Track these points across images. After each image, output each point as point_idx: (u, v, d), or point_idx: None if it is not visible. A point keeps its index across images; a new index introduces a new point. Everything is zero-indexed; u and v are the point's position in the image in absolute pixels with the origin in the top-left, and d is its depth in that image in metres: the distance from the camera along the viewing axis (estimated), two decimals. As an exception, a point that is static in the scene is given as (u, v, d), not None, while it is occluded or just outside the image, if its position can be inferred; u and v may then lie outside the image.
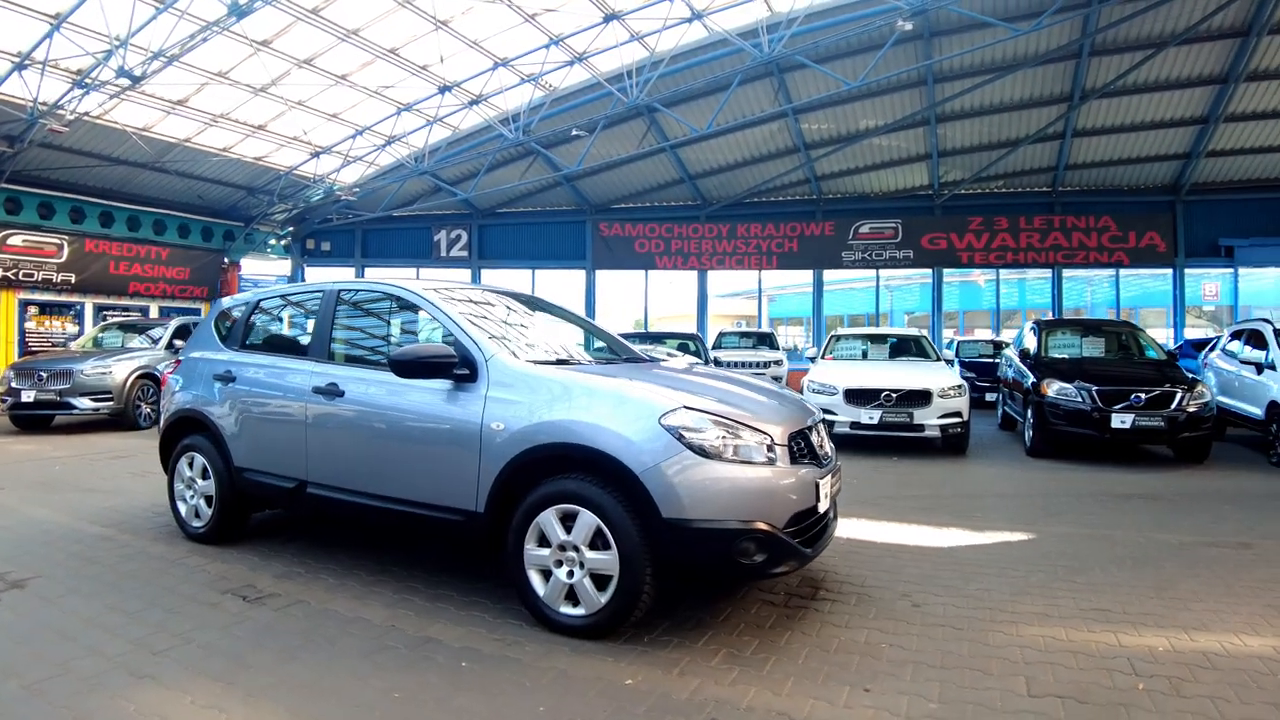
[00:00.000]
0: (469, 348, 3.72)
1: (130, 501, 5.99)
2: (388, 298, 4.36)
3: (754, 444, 3.31)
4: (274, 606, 3.66)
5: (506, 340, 3.90)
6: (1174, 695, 2.90)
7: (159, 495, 6.11)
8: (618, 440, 3.24)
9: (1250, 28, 14.00)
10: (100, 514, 5.54)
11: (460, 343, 3.75)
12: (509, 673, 3.02)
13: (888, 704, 2.80)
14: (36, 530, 5.04)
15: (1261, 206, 18.58)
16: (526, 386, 3.55)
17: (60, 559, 4.41)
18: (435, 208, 21.02)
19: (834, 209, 21.54)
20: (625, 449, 3.21)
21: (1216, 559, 4.78)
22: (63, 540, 4.79)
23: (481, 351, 3.70)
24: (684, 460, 3.16)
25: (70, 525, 5.19)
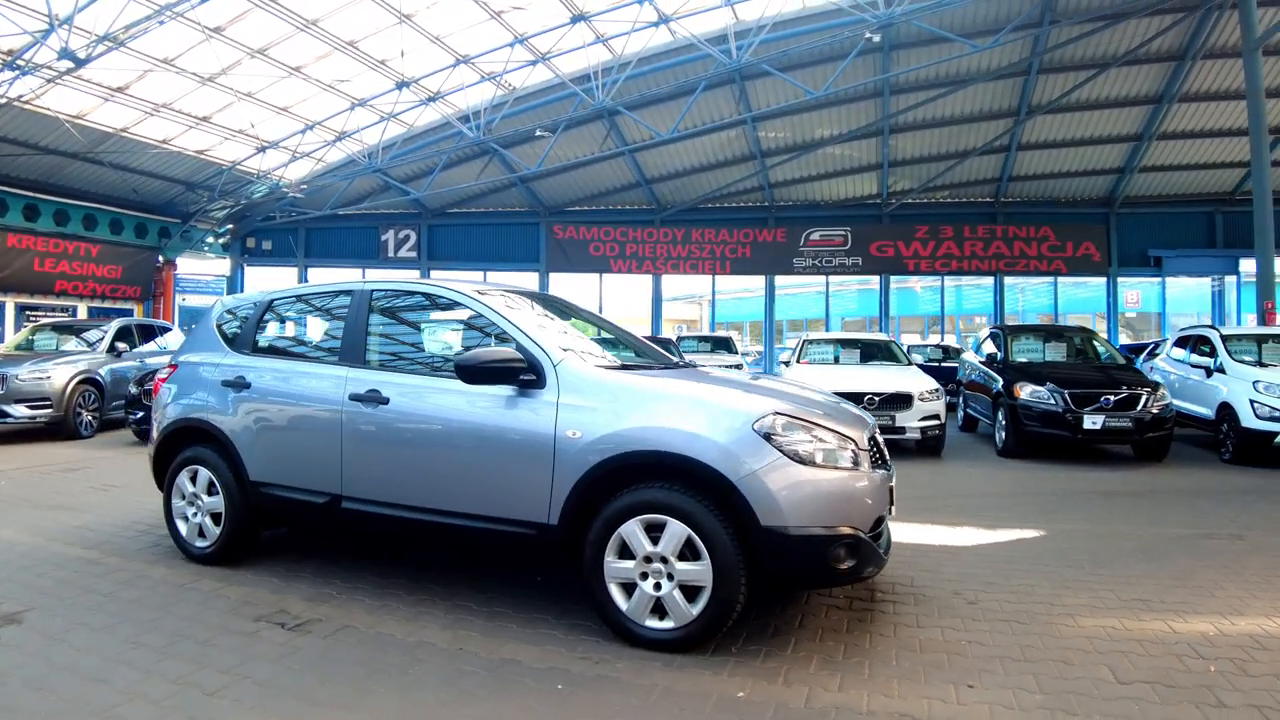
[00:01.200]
0: (534, 352, 3.52)
1: (102, 519, 5.50)
2: (431, 299, 4.11)
3: (841, 449, 3.29)
4: (320, 634, 3.37)
5: (567, 344, 3.71)
6: (1243, 675, 3.06)
7: (133, 511, 5.67)
8: (712, 447, 3.14)
9: (1185, 52, 14.87)
10: (74, 534, 5.04)
11: (524, 347, 3.55)
12: (614, 693, 2.86)
13: (997, 698, 2.85)
14: (8, 555, 4.54)
15: (1188, 220, 19.77)
16: (602, 392, 3.40)
17: (48, 587, 3.97)
18: (383, 207, 20.43)
19: (786, 216, 21.87)
20: (721, 456, 3.12)
21: (1218, 550, 5.01)
22: (43, 566, 4.32)
23: (549, 356, 3.52)
24: (781, 466, 3.11)
25: (44, 548, 4.70)
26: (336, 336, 4.13)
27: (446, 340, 4.11)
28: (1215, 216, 19.60)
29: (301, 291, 4.61)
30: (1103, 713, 2.74)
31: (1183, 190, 19.58)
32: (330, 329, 4.27)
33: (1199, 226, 19.76)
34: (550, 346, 3.57)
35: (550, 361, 3.51)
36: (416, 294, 4.14)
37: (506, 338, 3.67)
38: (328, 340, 4.25)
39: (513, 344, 3.60)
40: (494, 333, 3.76)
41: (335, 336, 4.15)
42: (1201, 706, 2.79)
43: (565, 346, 3.63)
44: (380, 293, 4.13)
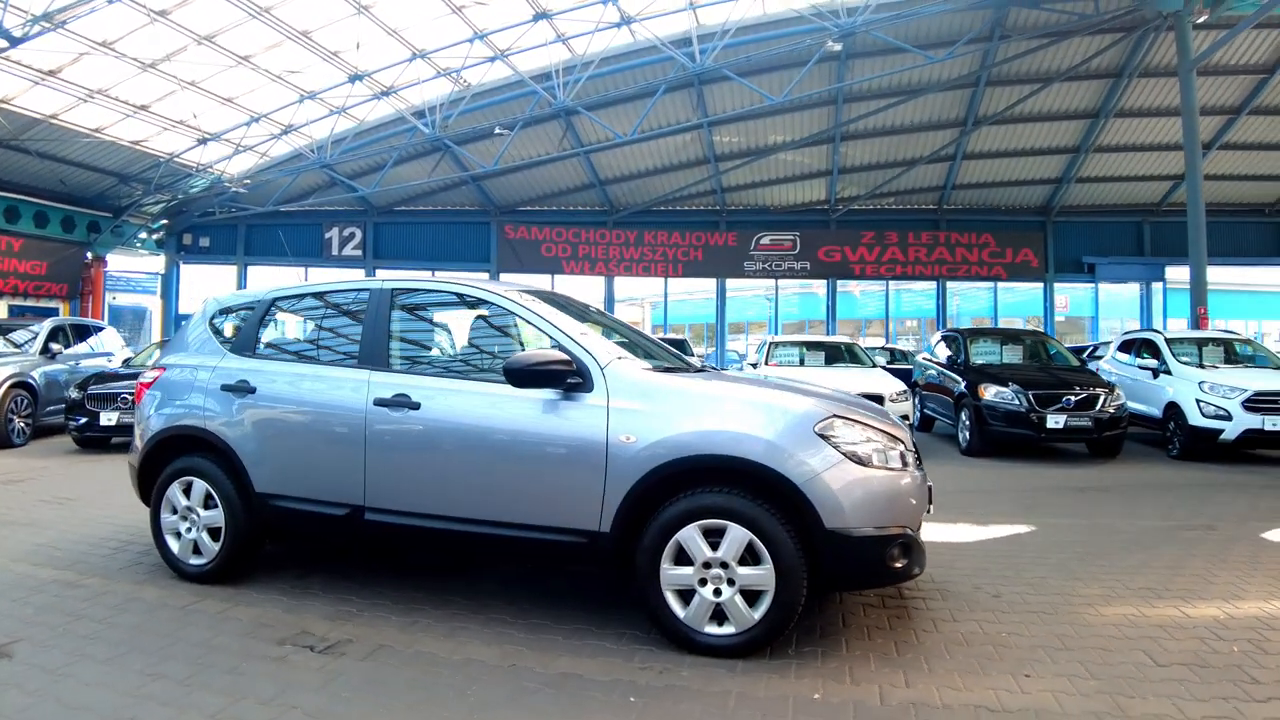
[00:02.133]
0: (579, 355, 3.40)
1: (66, 536, 5.06)
2: (459, 299, 3.93)
3: (890, 448, 3.31)
4: (356, 655, 3.15)
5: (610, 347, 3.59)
6: (1265, 654, 3.26)
7: (98, 526, 5.25)
8: (775, 451, 3.12)
9: (1122, 70, 15.63)
10: (39, 554, 4.60)
11: (569, 350, 3.41)
12: (690, 702, 2.79)
13: (1055, 686, 2.95)
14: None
15: (1120, 229, 20.81)
16: (653, 396, 3.32)
17: (30, 615, 3.58)
18: (328, 204, 19.74)
19: (737, 220, 22.10)
20: (785, 460, 3.10)
21: (1196, 540, 5.29)
22: (16, 590, 3.90)
23: (595, 359, 3.40)
24: (844, 469, 3.12)
25: (9, 569, 4.26)
26: (354, 338, 3.90)
27: (479, 342, 3.93)
28: (1144, 226, 20.69)
29: (310, 290, 4.32)
30: (1155, 693, 2.88)
31: (1115, 201, 20.59)
32: (345, 330, 4.02)
33: (1129, 235, 20.83)
34: (596, 349, 3.46)
35: (597, 364, 3.40)
36: (443, 293, 3.96)
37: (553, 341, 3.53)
38: (343, 342, 4.00)
39: (554, 346, 3.47)
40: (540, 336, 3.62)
41: (352, 338, 3.91)
42: (1239, 684, 2.97)
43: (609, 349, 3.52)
44: (403, 291, 3.93)
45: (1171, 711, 2.75)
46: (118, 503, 6.01)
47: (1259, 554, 4.92)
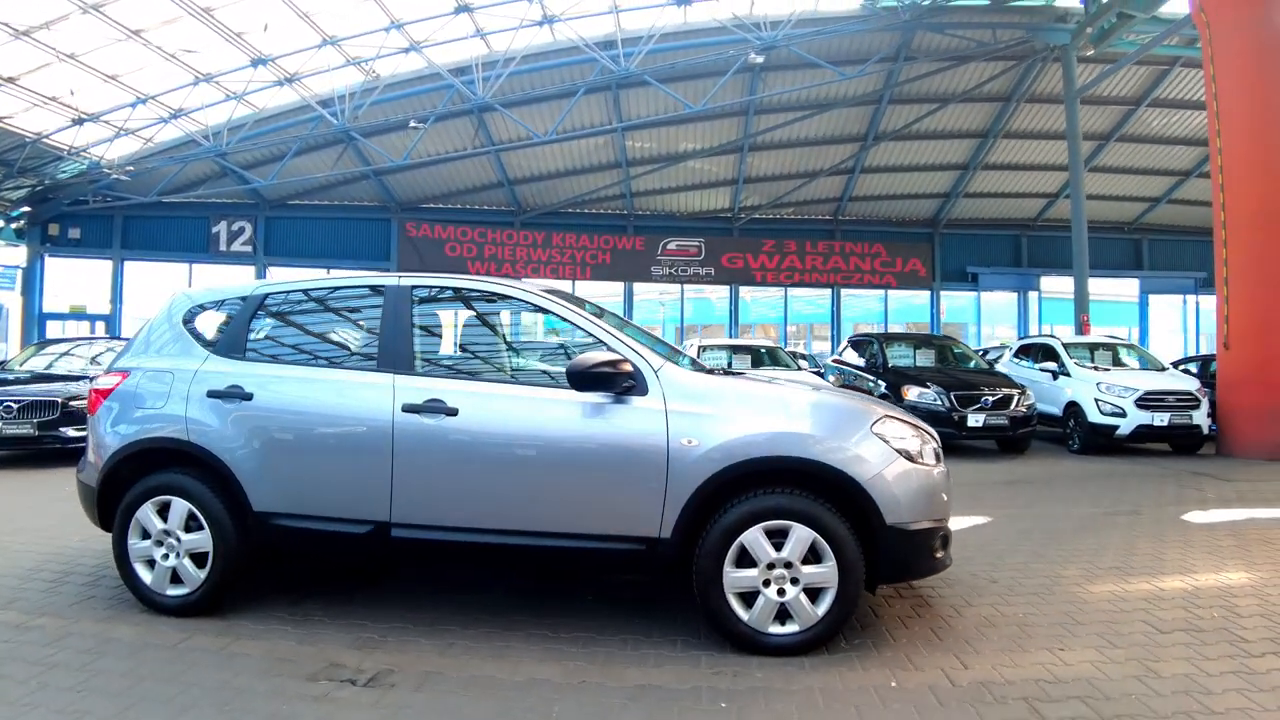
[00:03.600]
0: (632, 357, 3.28)
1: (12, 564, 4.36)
2: (489, 298, 3.67)
3: (929, 445, 3.42)
4: (407, 686, 2.86)
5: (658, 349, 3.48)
6: (1240, 617, 3.67)
7: (14, 557, 4.52)
8: (839, 451, 3.17)
9: (1011, 95, 16.90)
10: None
11: (621, 352, 3.28)
12: (781, 702, 2.78)
13: (1089, 656, 3.19)
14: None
15: (1000, 241, 22.48)
16: (711, 398, 3.27)
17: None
18: (216, 195, 18.22)
19: (644, 225, 22.23)
20: (848, 459, 3.16)
21: (1131, 524, 5.79)
22: None
23: (648, 361, 3.30)
24: (899, 467, 3.21)
25: None
26: (369, 339, 3.57)
27: (512, 343, 3.69)
28: (1021, 239, 22.45)
29: (306, 286, 3.90)
30: (1172, 657, 3.18)
31: (996, 215, 22.22)
32: (355, 330, 3.68)
33: (1008, 247, 22.55)
34: (646, 351, 3.35)
35: (650, 367, 3.30)
36: (471, 291, 3.70)
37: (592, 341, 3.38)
38: (355, 343, 3.66)
39: (603, 348, 3.33)
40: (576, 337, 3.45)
41: (366, 339, 3.58)
42: (1234, 644, 3.32)
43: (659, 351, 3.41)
44: (424, 289, 3.63)
45: (1194, 671, 3.04)
46: (31, 527, 5.30)
47: (1188, 534, 5.49)
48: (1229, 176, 9.74)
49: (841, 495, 3.17)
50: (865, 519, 3.15)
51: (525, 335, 3.78)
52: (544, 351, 3.73)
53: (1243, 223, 9.67)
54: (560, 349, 3.64)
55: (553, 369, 3.59)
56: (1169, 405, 9.78)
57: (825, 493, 3.17)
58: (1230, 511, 6.35)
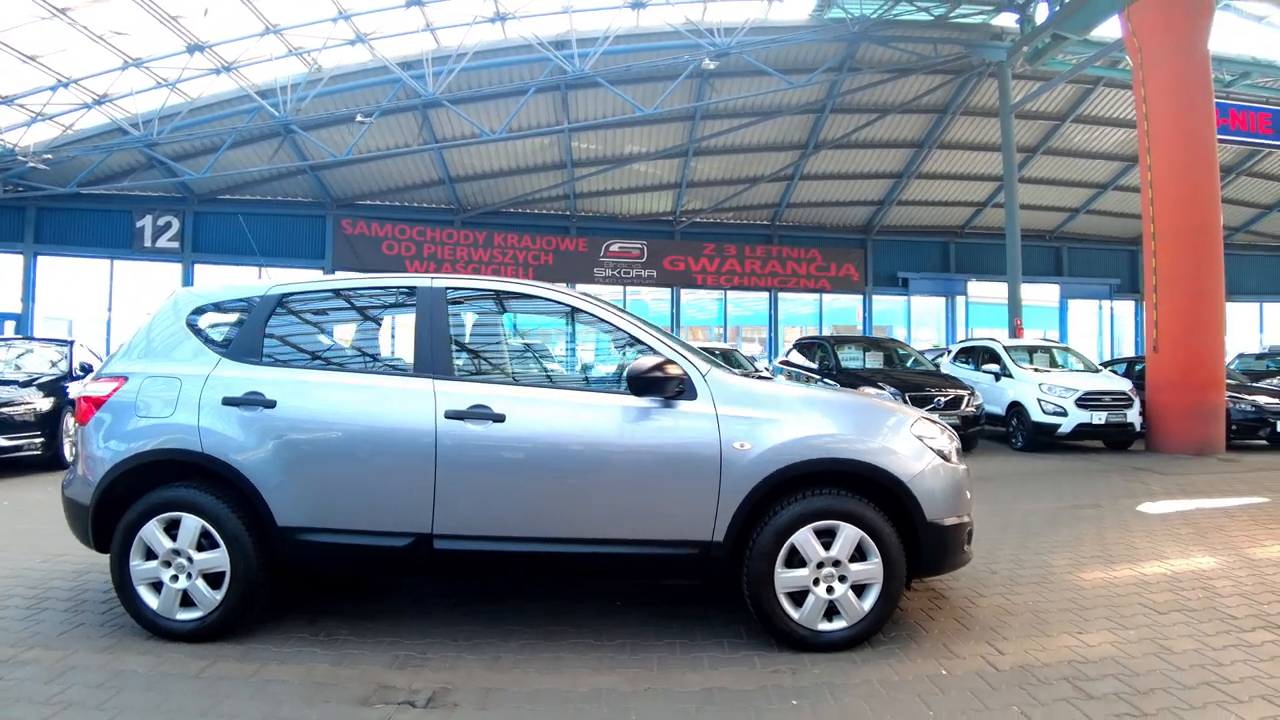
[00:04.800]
0: (681, 362, 3.29)
1: None
2: (524, 300, 3.57)
3: (956, 446, 3.56)
4: (471, 705, 2.74)
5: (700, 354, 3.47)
6: (1221, 597, 4.00)
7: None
8: (886, 453, 3.28)
9: (947, 107, 17.59)
10: None
11: (671, 357, 3.28)
12: (849, 696, 2.87)
13: (1106, 638, 3.42)
14: None
15: (930, 248, 23.38)
16: (758, 402, 3.31)
17: None
18: (140, 189, 17.14)
19: (587, 226, 22.16)
20: (894, 460, 3.27)
21: (1096, 516, 6.13)
22: None
23: (695, 366, 3.31)
24: (935, 466, 3.34)
25: None
26: (400, 342, 3.43)
27: (553, 347, 3.61)
28: (950, 246, 23.41)
29: (327, 286, 3.69)
30: (1177, 635, 3.45)
31: (925, 222, 23.10)
32: (386, 334, 3.53)
33: (936, 254, 23.48)
34: (693, 355, 3.36)
35: (699, 371, 3.32)
36: (508, 294, 3.59)
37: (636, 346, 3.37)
38: (385, 346, 3.50)
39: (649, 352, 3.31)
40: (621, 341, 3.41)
41: (400, 342, 3.44)
42: (1225, 621, 3.63)
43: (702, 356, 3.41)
44: (458, 291, 3.50)
45: (1201, 647, 3.30)
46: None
47: (1148, 524, 5.86)
48: (1158, 192, 10.41)
49: (885, 494, 3.27)
50: (907, 517, 3.27)
51: (565, 339, 3.69)
52: (586, 355, 3.67)
53: (1171, 236, 10.34)
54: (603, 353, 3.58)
55: (597, 373, 3.54)
56: (1106, 405, 10.38)
57: (869, 492, 3.27)
58: (1178, 502, 6.81)
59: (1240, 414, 10.61)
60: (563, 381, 3.53)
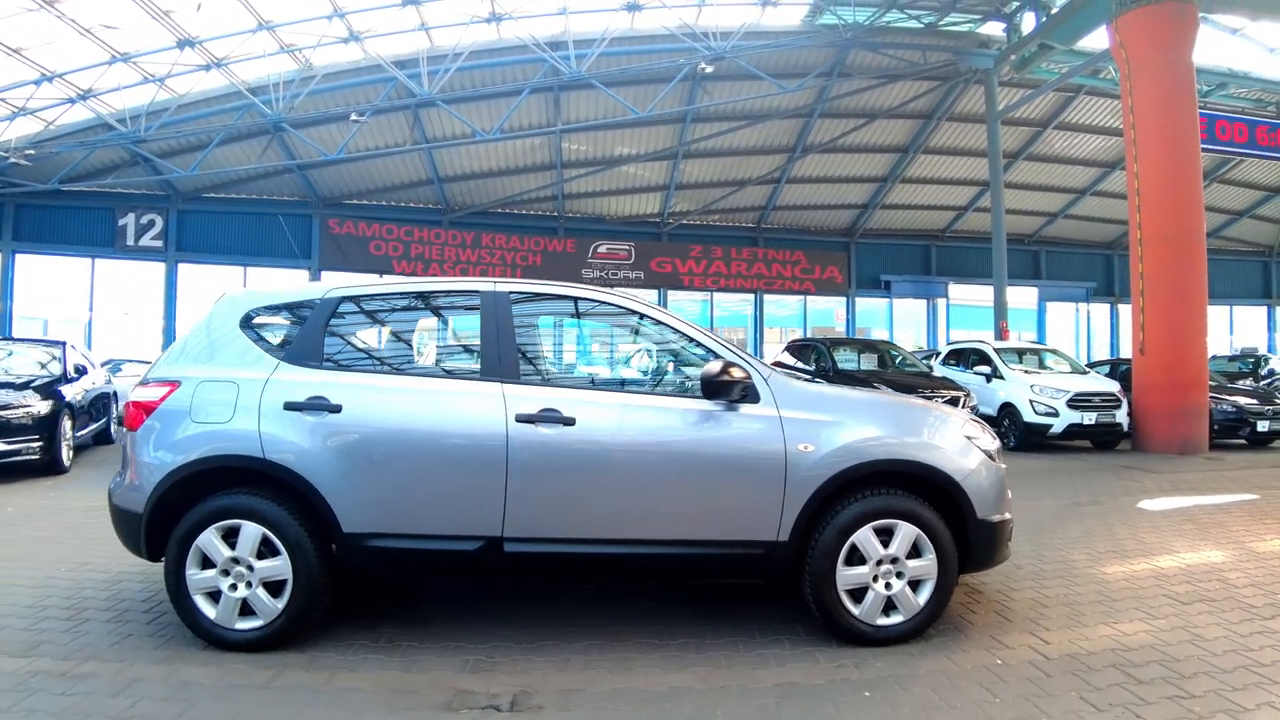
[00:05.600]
0: (745, 366, 3.38)
1: (3, 602, 3.83)
2: (587, 305, 3.62)
3: (998, 446, 3.71)
4: (556, 707, 2.79)
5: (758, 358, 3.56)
6: (1236, 588, 4.23)
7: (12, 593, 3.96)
8: (941, 453, 3.41)
9: (933, 113, 17.89)
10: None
11: (736, 361, 3.37)
12: (918, 686, 2.98)
13: (1140, 627, 3.61)
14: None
15: (911, 251, 23.74)
16: (819, 405, 3.43)
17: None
18: (124, 186, 16.81)
19: (575, 228, 22.19)
20: (948, 460, 3.41)
21: (1100, 513, 6.34)
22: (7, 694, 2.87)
23: (757, 369, 3.41)
24: (984, 466, 3.50)
25: None
26: (467, 346, 3.46)
27: (615, 351, 3.66)
28: (931, 249, 23.79)
29: (390, 290, 3.69)
30: (1205, 623, 3.65)
31: (908, 226, 23.46)
32: (449, 337, 3.56)
33: (918, 257, 23.86)
34: (755, 360, 3.45)
35: (760, 375, 3.41)
36: (570, 299, 3.64)
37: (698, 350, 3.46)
38: (448, 350, 3.53)
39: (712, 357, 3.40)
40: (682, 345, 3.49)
41: (464, 346, 3.47)
42: (1245, 609, 3.84)
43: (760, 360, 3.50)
44: (520, 296, 3.54)
45: (1229, 634, 3.50)
46: None
47: (1152, 520, 6.09)
48: (1144, 200, 10.72)
49: (939, 493, 3.40)
50: (958, 514, 3.39)
51: (627, 343, 3.75)
52: (648, 359, 3.73)
53: (1156, 242, 10.66)
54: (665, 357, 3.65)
55: (660, 376, 3.61)
56: (1095, 405, 10.66)
57: (922, 491, 3.39)
58: (1175, 499, 7.06)
59: (1222, 414, 10.96)
60: (628, 385, 3.59)
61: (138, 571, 4.34)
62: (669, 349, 3.58)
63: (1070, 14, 12.63)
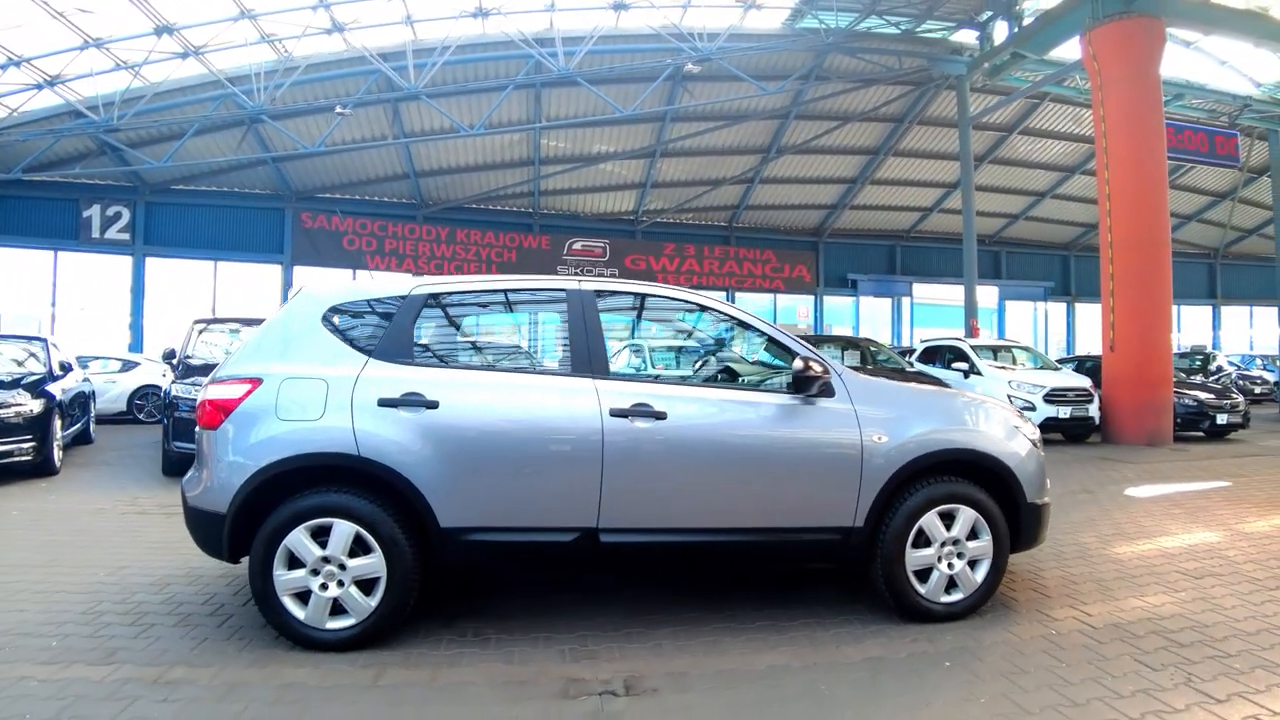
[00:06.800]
0: (824, 362, 3.58)
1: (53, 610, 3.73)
2: (669, 304, 3.78)
3: (1039, 435, 4.01)
4: (671, 689, 2.93)
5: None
6: (1237, 564, 4.62)
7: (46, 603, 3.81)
8: (997, 442, 3.70)
9: (904, 117, 18.39)
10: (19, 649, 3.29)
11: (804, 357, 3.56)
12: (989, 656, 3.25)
13: (1164, 599, 3.96)
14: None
15: (877, 251, 24.37)
16: (887, 398, 3.67)
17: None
18: (89, 176, 16.23)
19: (550, 224, 22.20)
20: (1003, 449, 3.70)
21: (1093, 501, 6.73)
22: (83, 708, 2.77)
23: (832, 365, 3.61)
24: (1031, 453, 3.81)
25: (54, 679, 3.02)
26: (555, 343, 3.57)
27: (696, 346, 3.82)
28: (896, 249, 24.45)
29: (475, 286, 3.73)
30: (1220, 595, 4.01)
31: (873, 226, 24.06)
32: (538, 334, 3.67)
33: (883, 257, 24.51)
34: (828, 357, 3.63)
35: (835, 371, 3.61)
36: (652, 297, 3.78)
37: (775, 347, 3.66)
38: (538, 347, 3.64)
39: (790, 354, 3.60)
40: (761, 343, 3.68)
41: (551, 343, 3.59)
42: (1253, 582, 4.23)
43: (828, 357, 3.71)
44: (604, 292, 3.66)
45: (1243, 603, 3.87)
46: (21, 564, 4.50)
47: (1144, 506, 6.51)
48: (1115, 205, 11.26)
49: (994, 479, 3.66)
50: (1011, 498, 3.67)
51: (710, 340, 3.92)
52: (730, 355, 3.90)
53: (1126, 246, 11.22)
54: (746, 353, 3.83)
55: (743, 372, 3.78)
56: (1070, 400, 11.18)
57: (978, 477, 3.65)
58: (1157, 487, 7.53)
59: (1184, 408, 11.59)
60: (710, 380, 3.75)
61: (182, 574, 4.32)
62: (749, 346, 3.75)
63: (1045, 26, 13.17)
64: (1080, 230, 24.89)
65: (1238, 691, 2.91)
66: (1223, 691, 2.91)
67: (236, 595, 3.98)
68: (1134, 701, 2.83)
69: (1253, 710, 2.76)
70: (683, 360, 4.05)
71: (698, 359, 4.03)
